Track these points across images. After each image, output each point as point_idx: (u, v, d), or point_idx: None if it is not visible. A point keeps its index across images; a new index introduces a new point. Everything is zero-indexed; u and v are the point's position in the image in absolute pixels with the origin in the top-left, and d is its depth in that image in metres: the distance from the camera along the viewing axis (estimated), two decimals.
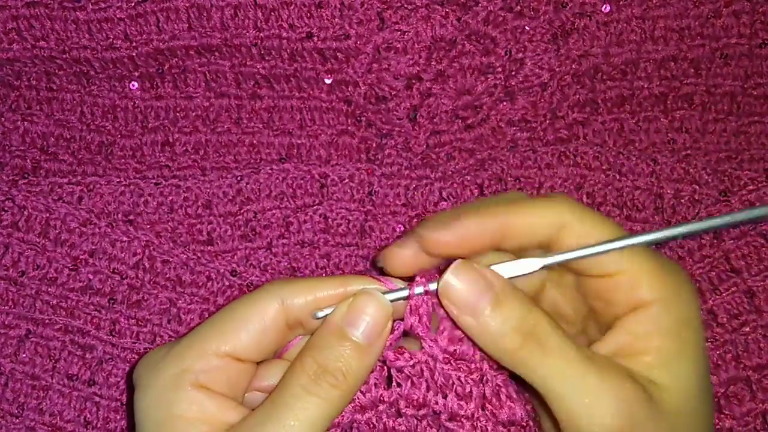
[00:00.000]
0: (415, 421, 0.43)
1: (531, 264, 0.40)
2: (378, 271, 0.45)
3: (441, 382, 0.42)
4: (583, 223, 0.40)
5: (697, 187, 0.58)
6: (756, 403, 0.53)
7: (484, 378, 0.42)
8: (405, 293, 0.41)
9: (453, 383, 0.42)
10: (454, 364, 0.42)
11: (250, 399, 0.42)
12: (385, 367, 0.42)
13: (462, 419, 0.42)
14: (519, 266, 0.40)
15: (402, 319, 0.42)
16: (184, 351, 0.40)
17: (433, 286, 0.41)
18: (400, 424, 0.43)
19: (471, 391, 0.42)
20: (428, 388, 0.42)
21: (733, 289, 0.55)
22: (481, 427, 0.42)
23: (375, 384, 0.42)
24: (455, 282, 0.39)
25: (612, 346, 0.39)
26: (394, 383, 0.42)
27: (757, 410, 0.53)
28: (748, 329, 0.54)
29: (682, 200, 0.58)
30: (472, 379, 0.42)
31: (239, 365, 0.40)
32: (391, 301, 0.41)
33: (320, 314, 0.41)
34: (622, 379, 0.37)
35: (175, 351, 0.40)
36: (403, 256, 0.42)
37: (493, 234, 0.40)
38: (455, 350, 0.42)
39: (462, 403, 0.41)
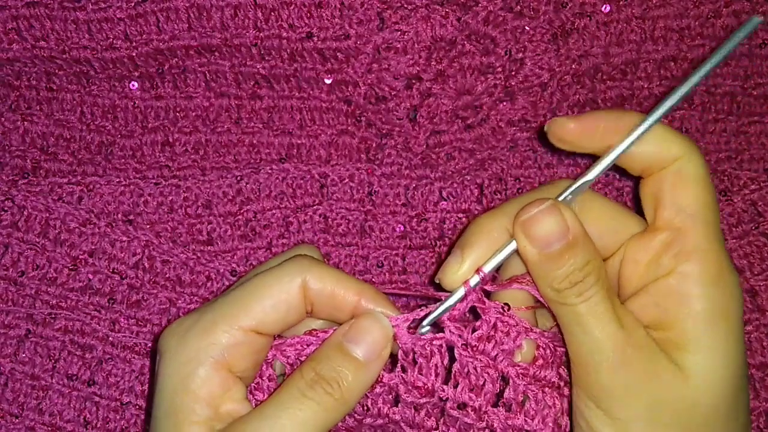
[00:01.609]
0: (413, 411, 0.43)
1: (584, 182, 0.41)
2: (435, 286, 0.46)
3: (455, 369, 0.42)
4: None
5: None
6: (759, 401, 0.54)
7: (508, 380, 0.42)
8: (462, 293, 0.42)
9: (468, 372, 0.42)
10: (471, 353, 0.42)
11: None
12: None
13: (469, 410, 0.42)
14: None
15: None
16: (212, 325, 0.41)
17: (489, 267, 0.42)
18: (395, 413, 0.43)
19: (484, 384, 0.42)
20: (437, 374, 0.42)
21: None
22: (488, 421, 0.42)
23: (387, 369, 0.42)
24: (540, 219, 0.40)
25: (637, 310, 0.41)
26: (398, 368, 0.43)
27: (760, 408, 0.54)
28: (751, 328, 0.54)
29: None
30: (488, 374, 0.42)
31: (261, 339, 0.42)
32: (443, 311, 0.42)
33: (423, 330, 0.43)
34: (634, 341, 0.39)
35: (203, 324, 0.41)
36: (462, 276, 0.43)
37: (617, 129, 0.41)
38: (478, 345, 0.42)
39: (472, 394, 0.42)
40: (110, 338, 0.54)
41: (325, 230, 0.57)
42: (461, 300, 0.42)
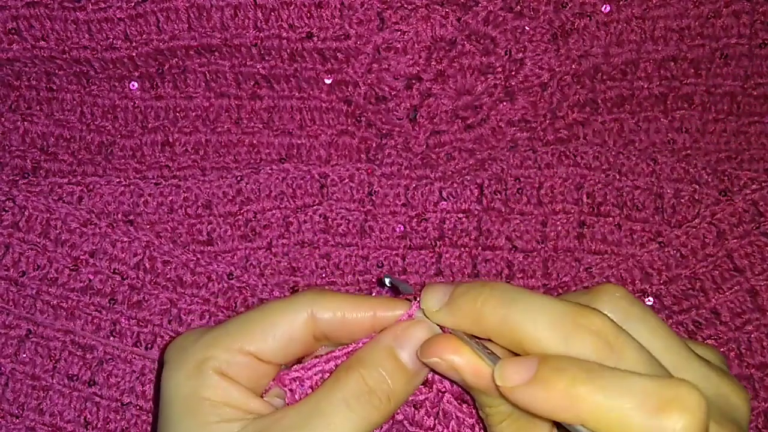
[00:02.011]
0: (413, 409, 0.43)
1: None
2: (384, 289, 0.45)
3: None
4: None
5: (697, 186, 0.58)
6: (759, 401, 0.54)
7: (441, 399, 0.42)
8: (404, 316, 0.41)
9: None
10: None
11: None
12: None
13: (463, 403, 0.42)
14: None
15: None
16: (211, 341, 0.40)
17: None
18: (397, 412, 0.43)
19: (425, 400, 0.42)
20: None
21: (736, 287, 0.55)
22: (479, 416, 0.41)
23: None
24: (536, 391, 0.33)
25: None
26: None
27: (759, 408, 0.54)
28: (751, 328, 0.55)
29: (682, 200, 0.58)
30: (426, 395, 0.41)
31: (262, 365, 0.41)
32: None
33: (388, 278, 0.43)
34: None
35: (204, 340, 0.41)
36: (430, 308, 0.41)
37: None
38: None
39: (415, 411, 0.42)
40: (111, 339, 0.54)
41: (325, 230, 0.57)
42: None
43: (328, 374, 0.41)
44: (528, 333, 0.35)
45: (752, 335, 0.55)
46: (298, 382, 0.41)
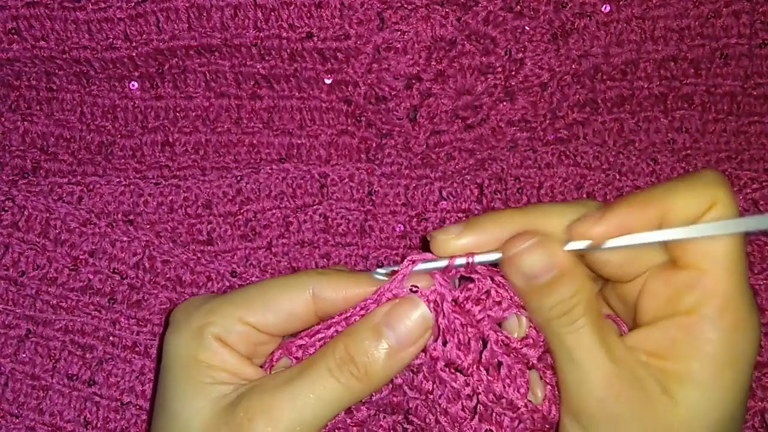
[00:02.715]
0: (410, 374, 0.43)
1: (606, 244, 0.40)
2: (424, 243, 0.45)
3: (443, 324, 0.42)
4: (729, 206, 0.39)
5: None
6: (755, 401, 0.54)
7: (487, 343, 0.42)
8: (440, 264, 0.42)
9: (456, 330, 0.42)
10: (458, 309, 0.42)
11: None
12: None
13: (456, 371, 0.42)
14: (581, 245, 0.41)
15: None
16: (214, 308, 0.42)
17: (480, 259, 0.41)
18: (396, 377, 0.43)
19: (470, 344, 0.42)
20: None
21: None
22: (473, 384, 0.42)
23: None
24: (528, 254, 0.40)
25: (647, 338, 0.41)
26: None
27: (756, 408, 0.54)
28: None
29: None
30: (470, 333, 0.42)
31: (261, 335, 0.42)
32: (429, 270, 0.42)
33: (379, 274, 0.42)
34: (624, 373, 0.39)
35: (207, 306, 0.43)
36: (454, 249, 0.42)
37: (652, 220, 0.40)
38: (464, 304, 0.42)
39: (460, 353, 0.42)
40: (110, 338, 0.54)
41: (325, 230, 0.57)
42: (437, 270, 0.42)
43: (330, 339, 0.42)
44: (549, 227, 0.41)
45: None
46: (303, 350, 0.43)
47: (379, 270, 0.43)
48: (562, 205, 0.43)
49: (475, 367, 0.42)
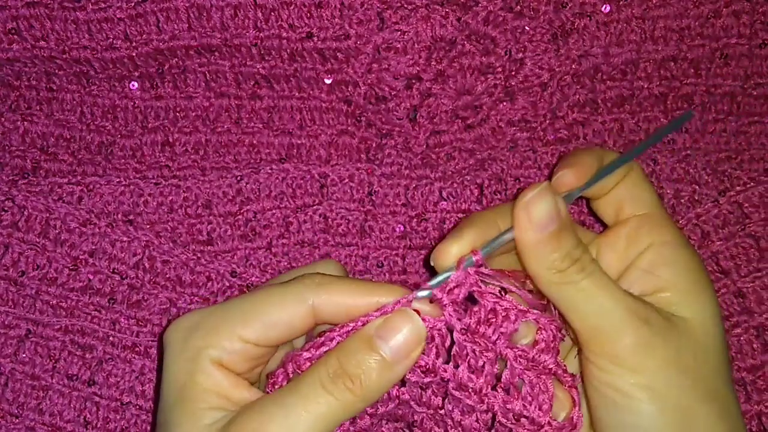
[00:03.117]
0: (419, 390, 0.43)
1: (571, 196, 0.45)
2: (429, 270, 0.46)
3: (455, 351, 0.42)
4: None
5: (697, 187, 0.58)
6: (751, 404, 0.53)
7: (502, 362, 0.42)
8: (451, 273, 0.42)
9: (467, 354, 0.42)
10: (470, 336, 0.42)
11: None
12: None
13: (470, 391, 0.42)
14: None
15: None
16: (211, 330, 0.42)
17: (484, 249, 0.43)
18: (403, 393, 0.43)
19: (483, 366, 0.42)
20: (438, 355, 0.42)
21: (723, 290, 0.55)
22: (488, 403, 0.42)
23: None
24: (539, 201, 0.42)
25: (628, 285, 0.44)
26: None
27: (752, 412, 0.53)
28: (740, 330, 0.54)
29: (682, 200, 0.58)
30: (486, 356, 0.42)
31: (259, 349, 0.42)
32: (435, 284, 0.42)
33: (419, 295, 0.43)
34: (644, 303, 0.42)
35: (206, 326, 0.42)
36: (456, 254, 0.44)
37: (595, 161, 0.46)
38: (477, 328, 0.42)
39: (472, 375, 0.42)
40: (110, 338, 0.54)
41: (325, 230, 0.57)
42: (454, 281, 0.42)
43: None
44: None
45: (741, 338, 0.54)
46: (309, 363, 0.42)
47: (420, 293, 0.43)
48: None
49: (489, 388, 0.42)
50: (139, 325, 0.54)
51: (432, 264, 0.44)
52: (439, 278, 0.43)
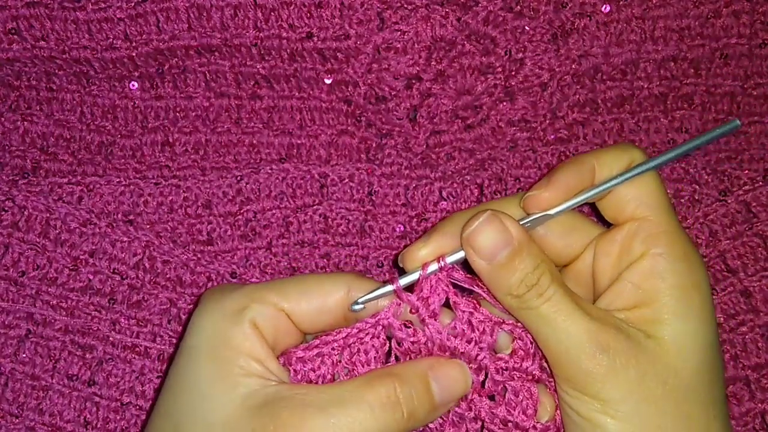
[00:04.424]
0: None
1: (546, 215, 0.44)
2: (399, 270, 0.46)
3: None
4: (643, 158, 0.45)
5: (697, 187, 0.58)
6: (755, 402, 0.53)
7: (486, 372, 0.43)
8: (417, 276, 0.43)
9: None
10: (450, 352, 0.43)
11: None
12: (387, 343, 0.43)
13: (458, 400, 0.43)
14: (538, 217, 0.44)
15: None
16: (250, 292, 0.42)
17: (451, 258, 0.43)
18: None
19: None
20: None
21: (729, 289, 0.55)
22: (476, 410, 0.43)
23: (374, 358, 0.43)
24: (482, 231, 0.41)
25: (615, 296, 0.43)
26: (392, 358, 0.44)
27: (756, 410, 0.53)
28: (745, 329, 0.54)
29: (682, 200, 0.58)
30: (470, 367, 0.43)
31: (290, 325, 0.43)
32: (405, 286, 0.43)
33: (356, 307, 0.43)
34: (607, 327, 0.40)
35: (242, 290, 0.42)
36: (424, 257, 0.44)
37: (586, 179, 0.44)
38: (455, 346, 0.43)
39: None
40: (110, 338, 0.54)
41: (325, 230, 0.57)
42: (427, 290, 0.43)
43: (327, 357, 0.43)
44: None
45: (747, 336, 0.54)
46: (301, 363, 0.43)
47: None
48: (518, 195, 0.46)
49: (476, 396, 0.43)
50: (140, 326, 0.54)
51: (401, 265, 0.45)
52: (408, 278, 0.43)
